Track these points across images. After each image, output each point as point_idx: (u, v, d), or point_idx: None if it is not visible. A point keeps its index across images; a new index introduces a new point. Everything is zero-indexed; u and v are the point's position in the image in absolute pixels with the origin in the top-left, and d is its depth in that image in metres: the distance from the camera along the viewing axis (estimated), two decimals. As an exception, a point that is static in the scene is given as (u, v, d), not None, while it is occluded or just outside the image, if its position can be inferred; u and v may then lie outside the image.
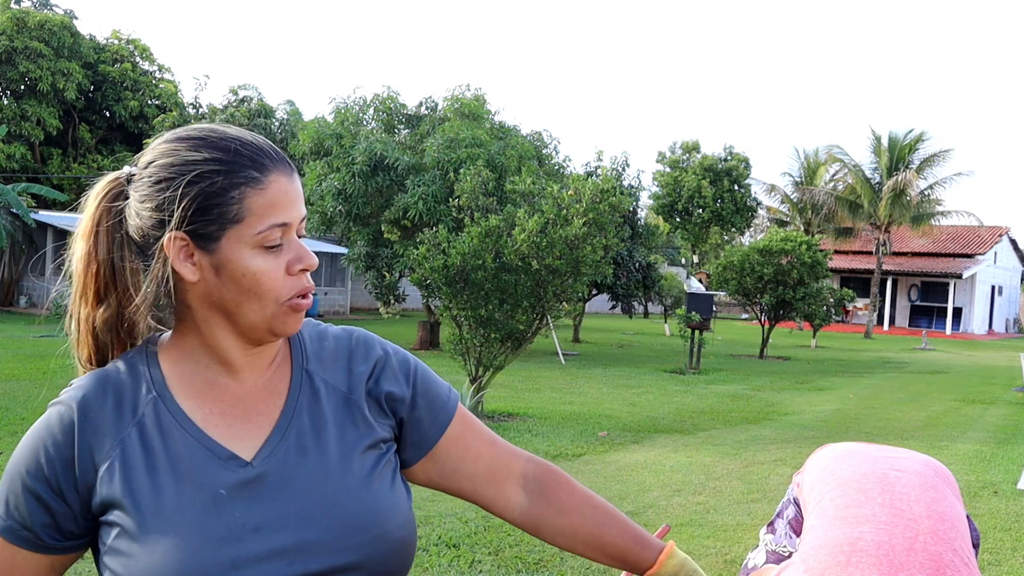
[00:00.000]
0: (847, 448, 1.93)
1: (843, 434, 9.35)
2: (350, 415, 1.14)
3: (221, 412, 1.08)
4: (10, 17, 27.58)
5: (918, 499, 1.68)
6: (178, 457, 1.04)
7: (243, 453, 1.07)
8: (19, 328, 17.89)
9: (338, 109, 19.68)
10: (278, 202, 1.04)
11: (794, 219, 36.99)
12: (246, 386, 1.11)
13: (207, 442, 1.06)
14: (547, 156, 20.70)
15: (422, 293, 10.18)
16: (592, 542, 1.26)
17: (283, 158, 1.08)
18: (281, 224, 1.04)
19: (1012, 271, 39.95)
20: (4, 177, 27.14)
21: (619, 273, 21.69)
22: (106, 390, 1.07)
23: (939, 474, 1.80)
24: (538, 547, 4.98)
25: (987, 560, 5.15)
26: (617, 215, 9.81)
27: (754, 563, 1.94)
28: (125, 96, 30.77)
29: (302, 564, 1.03)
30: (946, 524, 1.62)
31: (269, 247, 1.04)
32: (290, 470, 1.07)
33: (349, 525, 1.06)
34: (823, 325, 20.83)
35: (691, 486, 6.65)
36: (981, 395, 13.73)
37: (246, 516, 1.03)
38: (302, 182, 20.52)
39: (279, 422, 1.10)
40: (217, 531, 1.01)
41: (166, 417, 1.06)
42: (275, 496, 1.05)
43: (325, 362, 1.17)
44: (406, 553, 1.12)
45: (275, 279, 1.05)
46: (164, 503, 1.02)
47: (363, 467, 1.11)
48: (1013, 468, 7.70)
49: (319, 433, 1.11)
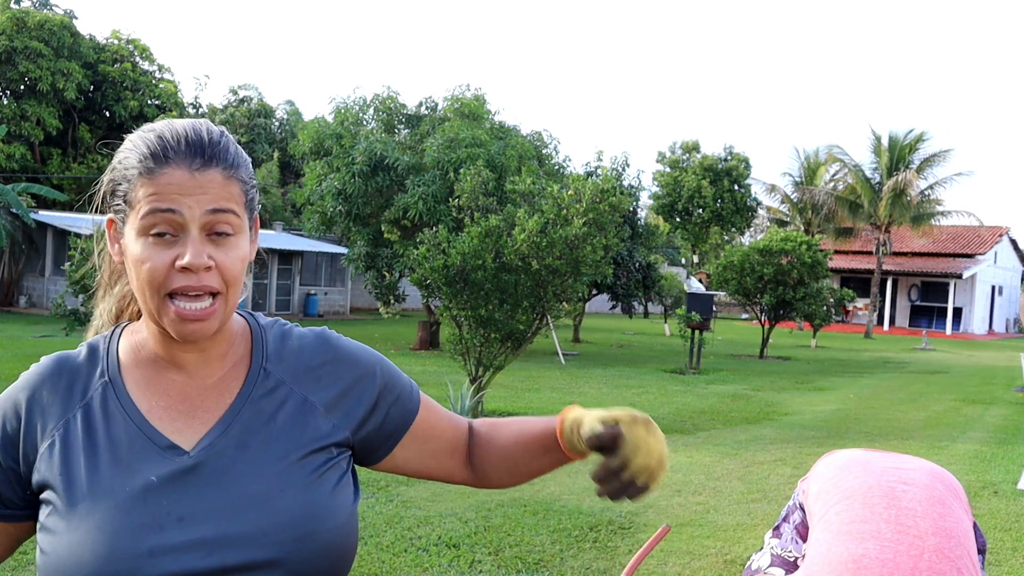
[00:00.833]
0: (853, 457, 1.90)
1: (843, 434, 9.35)
2: (303, 417, 1.14)
3: (167, 406, 1.10)
4: (10, 17, 27.58)
5: (924, 514, 1.66)
6: (118, 442, 1.07)
7: (183, 444, 1.08)
8: (19, 328, 17.89)
9: (338, 109, 19.67)
10: (165, 192, 1.03)
11: (794, 219, 36.98)
12: (195, 383, 1.12)
13: (148, 430, 1.08)
14: (547, 156, 20.70)
15: (422, 293, 10.17)
16: (520, 458, 1.29)
17: (197, 152, 1.06)
18: (163, 210, 1.03)
19: (1012, 271, 39.95)
20: (4, 177, 27.14)
21: (619, 273, 21.69)
22: (62, 372, 1.11)
23: (947, 486, 1.77)
24: (538, 547, 4.98)
25: (987, 560, 5.15)
26: (617, 215, 9.81)
27: (758, 564, 1.92)
28: (125, 96, 30.77)
29: (219, 556, 1.03)
30: (952, 541, 1.61)
31: (156, 236, 1.04)
32: (226, 463, 1.07)
33: (275, 521, 1.05)
34: (823, 325, 20.83)
35: (691, 486, 6.65)
36: (981, 395, 13.73)
37: (173, 505, 1.04)
38: (301, 182, 20.61)
39: (224, 416, 1.10)
40: (141, 518, 1.02)
41: (113, 402, 1.09)
42: (206, 487, 1.05)
43: (286, 361, 1.17)
44: (335, 557, 1.10)
45: (156, 270, 1.03)
46: (96, 485, 1.04)
47: (304, 468, 1.11)
48: (1013, 468, 7.70)
49: (265, 431, 1.11)
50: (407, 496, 5.97)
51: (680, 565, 4.81)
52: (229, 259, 1.06)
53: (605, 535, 5.27)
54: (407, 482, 6.33)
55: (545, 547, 4.99)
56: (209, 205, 1.04)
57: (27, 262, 24.89)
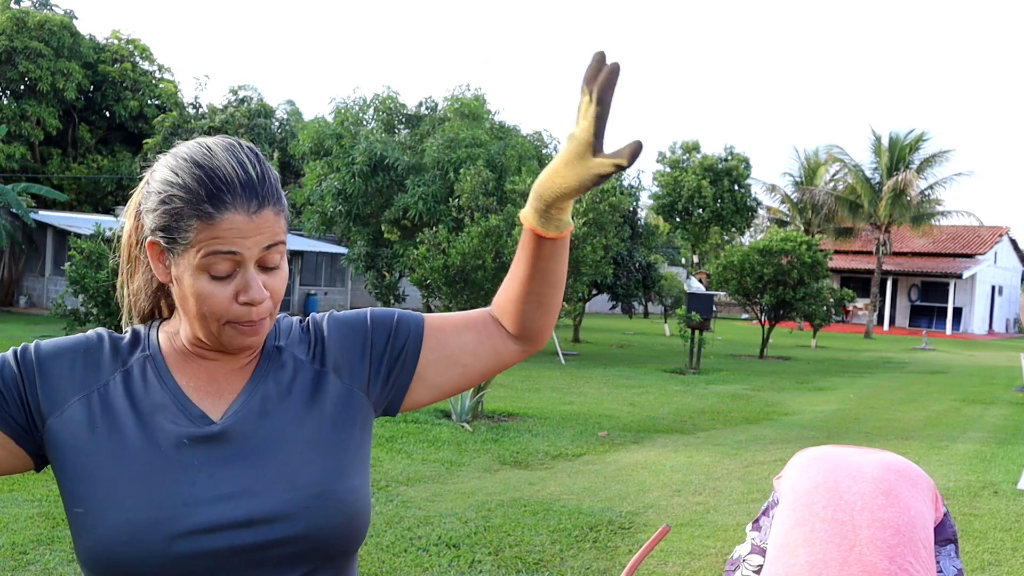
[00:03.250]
0: (816, 455, 1.95)
1: (843, 434, 9.35)
2: (317, 384, 1.23)
3: (196, 386, 1.19)
4: (10, 17, 27.57)
5: (864, 507, 1.69)
6: (154, 404, 1.16)
7: (211, 415, 1.17)
8: (19, 328, 17.88)
9: (338, 109, 19.67)
10: (226, 237, 1.09)
11: (794, 219, 36.97)
12: (221, 370, 1.21)
13: (182, 399, 1.17)
14: (547, 156, 20.70)
15: (422, 293, 10.18)
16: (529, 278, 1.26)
17: (252, 194, 1.11)
18: (227, 253, 1.10)
19: (1012, 271, 39.94)
20: (4, 177, 27.14)
21: (619, 273, 21.69)
22: (103, 343, 1.21)
23: (904, 476, 1.80)
24: (538, 547, 4.98)
25: (987, 560, 5.15)
26: (617, 215, 9.81)
27: (739, 554, 1.98)
28: (125, 96, 30.76)
29: (245, 509, 1.12)
30: (888, 531, 1.63)
31: (215, 275, 1.11)
32: (250, 428, 1.16)
33: (294, 479, 1.14)
34: (823, 325, 20.82)
35: (691, 486, 6.65)
36: (981, 395, 13.73)
37: (203, 463, 1.13)
38: (301, 182, 20.61)
39: (245, 388, 1.20)
40: (175, 472, 1.12)
41: (151, 372, 1.18)
42: (232, 449, 1.15)
43: (294, 339, 1.27)
44: (351, 515, 1.17)
45: (218, 304, 1.12)
46: (133, 440, 1.13)
47: (321, 430, 1.19)
48: (1013, 468, 7.70)
49: (283, 399, 1.20)
50: (407, 496, 5.97)
51: (680, 565, 4.81)
52: (278, 283, 1.16)
53: (605, 535, 5.27)
54: (407, 482, 6.33)
55: (545, 547, 4.99)
56: (266, 243, 1.12)
57: (27, 262, 24.88)
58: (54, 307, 10.90)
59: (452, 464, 7.02)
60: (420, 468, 6.77)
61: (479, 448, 7.65)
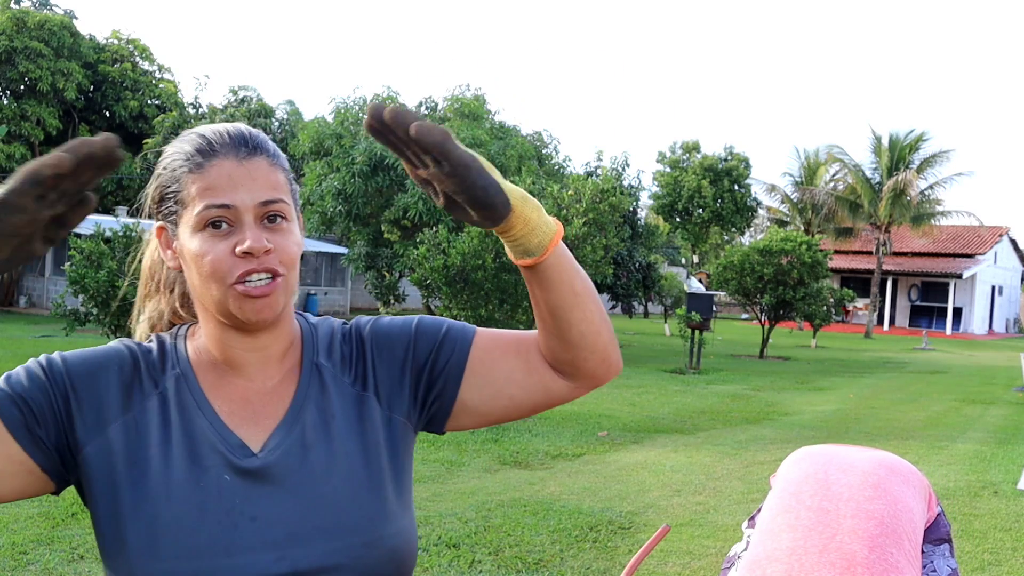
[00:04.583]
0: (812, 450, 1.97)
1: (843, 434, 9.35)
2: (359, 411, 1.15)
3: (230, 411, 1.11)
4: (10, 17, 27.58)
5: (850, 498, 1.71)
6: (192, 436, 1.08)
7: (251, 445, 1.09)
8: (19, 328, 17.88)
9: (338, 109, 19.68)
10: (216, 185, 1.05)
11: (794, 219, 36.97)
12: (254, 387, 1.13)
13: (220, 427, 1.09)
14: (547, 156, 20.71)
15: (422, 293, 10.18)
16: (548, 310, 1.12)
17: (241, 142, 1.08)
18: (219, 205, 1.05)
19: (1012, 271, 39.94)
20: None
21: (619, 273, 21.70)
22: (136, 359, 1.12)
23: (895, 472, 1.81)
24: (538, 547, 4.98)
25: (987, 560, 5.15)
26: (617, 215, 9.82)
27: (735, 552, 2.00)
28: (125, 96, 30.76)
29: (291, 560, 1.04)
30: (871, 522, 1.64)
31: (213, 229, 1.05)
32: (293, 464, 1.08)
33: (342, 526, 1.07)
34: (823, 325, 20.81)
35: (691, 486, 6.65)
36: (981, 395, 13.72)
37: (244, 504, 1.05)
38: (301, 182, 20.61)
39: (286, 415, 1.11)
40: (216, 514, 1.04)
41: (186, 395, 1.10)
42: (275, 489, 1.07)
43: (335, 356, 1.18)
44: (400, 561, 1.11)
45: (218, 260, 1.05)
46: (171, 475, 1.05)
47: (368, 467, 1.12)
48: (1013, 468, 7.70)
49: (326, 429, 1.12)
50: (407, 496, 5.97)
51: (680, 565, 4.81)
52: (285, 242, 1.08)
53: (605, 535, 5.27)
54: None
55: (545, 547, 4.99)
56: (261, 196, 1.06)
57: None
58: (54, 307, 10.89)
59: (452, 464, 7.03)
60: (420, 468, 6.77)
61: (479, 448, 7.65)
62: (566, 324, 1.11)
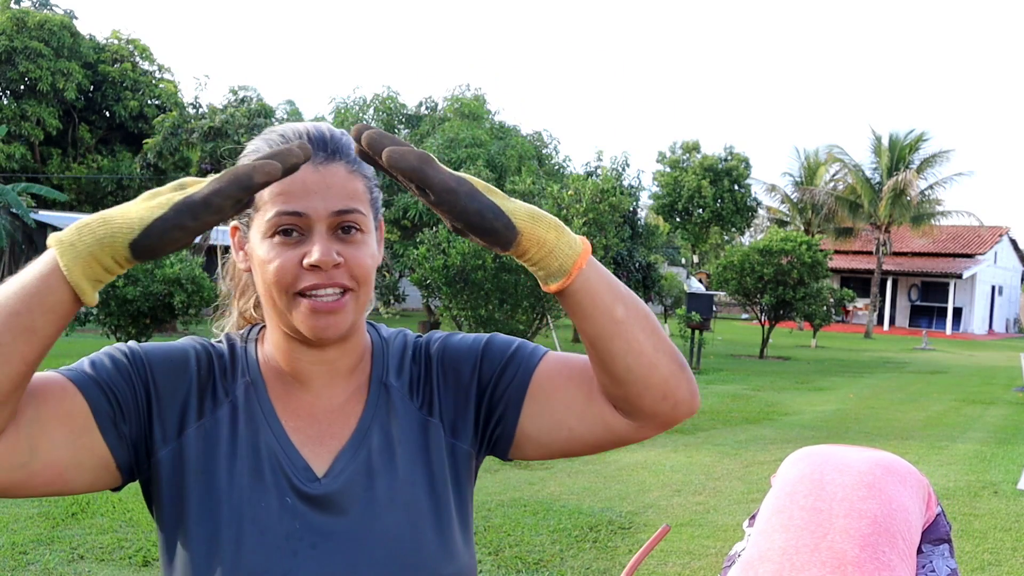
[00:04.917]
0: (811, 450, 1.98)
1: (843, 434, 9.35)
2: (425, 438, 1.10)
3: (296, 427, 1.07)
4: (10, 17, 27.59)
5: (843, 498, 1.72)
6: (258, 451, 1.04)
7: (316, 469, 1.05)
8: (19, 328, 17.87)
9: (338, 109, 19.70)
10: (289, 190, 1.00)
11: (794, 219, 36.96)
12: (321, 403, 1.08)
13: (286, 445, 1.05)
14: (547, 156, 20.72)
15: (422, 293, 10.18)
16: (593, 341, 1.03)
17: (320, 146, 1.03)
18: (290, 212, 1.00)
19: (1012, 271, 39.94)
20: (4, 177, 27.14)
21: (619, 273, 21.70)
22: (211, 360, 1.08)
23: (892, 472, 1.82)
24: (538, 547, 4.98)
25: (987, 560, 5.15)
26: (617, 215, 9.82)
27: (735, 551, 2.01)
28: (125, 96, 30.76)
29: None
30: (864, 521, 1.65)
31: (283, 236, 1.00)
32: (357, 491, 1.04)
33: (404, 564, 1.03)
34: (823, 325, 20.81)
35: (691, 486, 6.65)
36: (981, 395, 13.72)
37: (305, 530, 1.02)
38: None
39: (352, 437, 1.07)
40: (275, 538, 1.01)
41: (255, 406, 1.06)
42: (338, 516, 1.03)
43: (403, 376, 1.12)
44: None
45: (283, 270, 1.00)
46: (235, 492, 1.02)
47: (433, 499, 1.07)
48: (1013, 468, 7.70)
49: (391, 455, 1.07)
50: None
51: (680, 565, 4.81)
52: (358, 255, 1.02)
53: (605, 535, 5.28)
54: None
55: (545, 547, 4.99)
56: (335, 206, 1.01)
57: (27, 262, 24.82)
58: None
59: (452, 464, 7.02)
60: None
61: (479, 448, 7.65)
62: (608, 356, 1.00)
